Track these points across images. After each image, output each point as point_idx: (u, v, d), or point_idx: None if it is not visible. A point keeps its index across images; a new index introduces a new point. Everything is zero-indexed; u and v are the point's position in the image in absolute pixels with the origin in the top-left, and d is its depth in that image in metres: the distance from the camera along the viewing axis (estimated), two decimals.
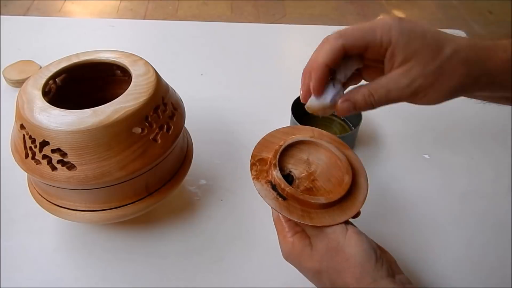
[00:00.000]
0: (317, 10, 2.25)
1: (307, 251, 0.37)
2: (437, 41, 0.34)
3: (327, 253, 0.36)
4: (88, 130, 0.38)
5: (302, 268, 0.38)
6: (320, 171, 0.40)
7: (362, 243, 0.36)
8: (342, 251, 0.36)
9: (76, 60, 0.48)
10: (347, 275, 0.35)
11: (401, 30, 0.34)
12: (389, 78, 0.35)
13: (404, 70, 0.34)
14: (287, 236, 0.38)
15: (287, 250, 0.38)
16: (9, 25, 0.87)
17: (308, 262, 0.37)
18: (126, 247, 0.49)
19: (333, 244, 0.36)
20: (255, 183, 0.38)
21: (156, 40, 0.86)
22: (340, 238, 0.36)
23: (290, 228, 0.39)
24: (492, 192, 0.56)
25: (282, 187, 0.37)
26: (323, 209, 0.37)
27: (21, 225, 0.50)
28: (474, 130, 0.65)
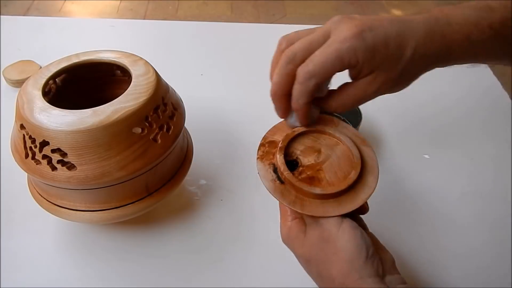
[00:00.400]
0: (317, 10, 2.25)
1: (301, 237, 0.37)
2: (399, 46, 0.35)
3: (318, 243, 0.36)
4: (88, 130, 0.38)
5: (295, 254, 0.39)
6: (328, 163, 0.39)
7: (355, 238, 0.35)
8: (333, 243, 0.36)
9: (76, 60, 0.48)
10: (334, 268, 0.35)
11: (366, 49, 0.34)
12: (355, 88, 0.37)
13: (371, 78, 0.36)
14: (287, 220, 0.39)
15: (284, 233, 0.39)
16: (9, 25, 0.87)
17: (300, 248, 0.37)
18: (126, 247, 0.49)
19: (325, 235, 0.36)
20: (258, 163, 0.39)
21: (156, 40, 0.86)
22: (333, 229, 0.36)
23: (291, 213, 0.39)
24: (492, 192, 0.56)
25: (281, 171, 0.37)
26: (318, 199, 0.37)
27: (21, 225, 0.50)
28: (474, 130, 0.65)
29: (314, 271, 0.37)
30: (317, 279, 0.37)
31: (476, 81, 0.75)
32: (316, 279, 0.37)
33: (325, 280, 0.35)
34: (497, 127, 0.65)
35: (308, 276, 0.39)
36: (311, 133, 0.41)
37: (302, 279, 0.46)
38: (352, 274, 0.34)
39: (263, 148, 0.40)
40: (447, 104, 0.70)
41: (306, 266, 0.38)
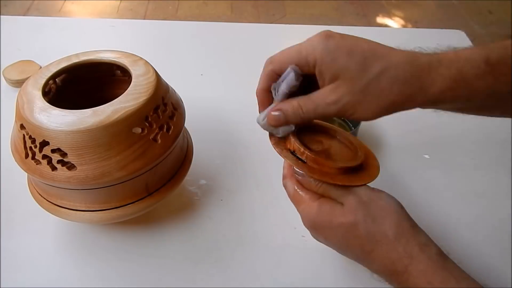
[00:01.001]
0: (317, 10, 2.25)
1: (338, 207, 0.37)
2: (365, 58, 0.34)
3: (360, 205, 0.36)
4: (88, 130, 0.38)
5: (331, 228, 0.37)
6: (333, 149, 0.41)
7: (391, 196, 0.37)
8: (375, 202, 0.36)
9: (76, 60, 0.48)
10: (385, 222, 0.35)
11: (326, 49, 0.35)
12: (318, 93, 0.37)
13: (332, 87, 0.36)
14: (310, 202, 0.38)
15: (312, 215, 0.38)
16: (9, 25, 0.87)
17: (340, 217, 0.36)
18: (126, 247, 0.49)
19: (364, 198, 0.37)
20: (275, 148, 0.39)
21: (156, 40, 0.86)
22: (369, 193, 0.37)
23: (311, 195, 0.39)
24: (492, 192, 0.56)
25: (301, 151, 0.38)
26: (340, 174, 0.37)
27: (21, 225, 0.50)
28: (474, 130, 0.65)
29: (363, 233, 0.36)
30: (366, 242, 0.36)
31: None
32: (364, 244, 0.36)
33: (378, 237, 0.35)
34: (497, 127, 0.65)
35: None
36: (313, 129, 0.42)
37: (302, 279, 0.46)
38: (404, 223, 0.36)
39: (273, 138, 0.41)
40: None
41: (350, 233, 0.36)
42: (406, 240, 0.35)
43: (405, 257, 0.34)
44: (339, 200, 0.37)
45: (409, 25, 2.21)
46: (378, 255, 0.35)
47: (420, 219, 0.52)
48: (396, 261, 0.34)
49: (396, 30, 1.56)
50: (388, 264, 0.35)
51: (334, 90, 0.35)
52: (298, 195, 0.39)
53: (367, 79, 0.34)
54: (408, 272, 0.34)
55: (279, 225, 0.51)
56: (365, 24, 2.19)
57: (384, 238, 0.35)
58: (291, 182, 0.41)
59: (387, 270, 0.35)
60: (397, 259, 0.34)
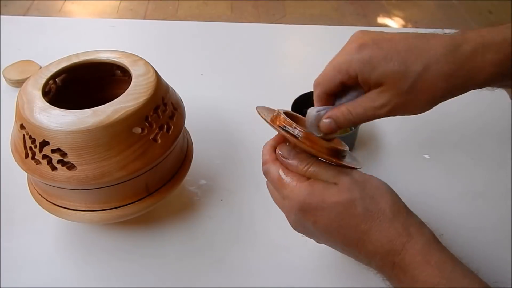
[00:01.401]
0: (317, 10, 2.25)
1: (332, 186, 0.36)
2: (403, 61, 0.34)
3: (356, 184, 0.36)
4: (88, 130, 0.38)
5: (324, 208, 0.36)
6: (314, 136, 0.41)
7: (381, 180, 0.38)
8: (369, 182, 0.37)
9: (76, 60, 0.48)
10: (382, 200, 0.36)
11: (362, 61, 0.35)
12: (366, 97, 0.37)
13: (379, 91, 0.36)
14: (299, 183, 0.36)
15: (301, 195, 0.36)
16: (9, 25, 0.87)
17: (335, 196, 0.35)
18: (126, 247, 0.49)
19: (358, 178, 0.37)
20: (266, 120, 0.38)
21: (156, 40, 0.86)
22: (363, 174, 0.37)
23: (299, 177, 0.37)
24: (492, 192, 0.56)
25: (294, 126, 0.37)
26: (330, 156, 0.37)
27: (21, 225, 0.50)
28: (474, 130, 0.65)
29: (360, 210, 0.35)
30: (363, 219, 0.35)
31: None
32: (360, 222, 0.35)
33: (376, 215, 0.35)
34: (497, 127, 0.65)
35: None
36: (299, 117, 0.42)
37: (302, 279, 0.46)
38: (398, 203, 0.36)
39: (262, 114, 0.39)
40: (447, 104, 0.69)
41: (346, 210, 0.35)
42: (404, 219, 0.35)
43: (403, 235, 0.34)
44: (332, 181, 0.36)
45: (409, 25, 2.21)
46: (375, 234, 0.34)
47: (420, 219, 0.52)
48: (394, 239, 0.34)
49: (396, 30, 1.56)
50: (385, 242, 0.34)
51: (380, 94, 0.36)
52: (284, 177, 0.37)
53: (410, 81, 0.35)
54: (405, 249, 0.34)
55: (279, 225, 0.51)
56: (365, 24, 2.19)
57: (382, 216, 0.35)
58: (274, 166, 0.38)
59: (383, 249, 0.34)
60: (396, 236, 0.34)
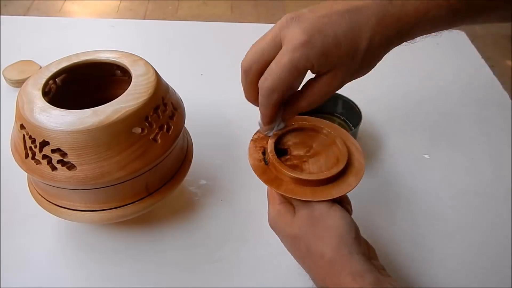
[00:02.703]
0: None
1: (289, 217, 0.38)
2: (352, 42, 0.35)
3: (308, 221, 0.37)
4: (88, 130, 0.38)
5: (283, 235, 0.39)
6: (315, 158, 0.41)
7: (346, 217, 0.37)
8: (323, 221, 0.37)
9: (76, 60, 0.48)
10: (324, 243, 0.36)
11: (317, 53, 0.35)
12: (320, 84, 0.37)
13: (332, 74, 0.36)
14: (276, 203, 0.40)
15: (272, 216, 0.40)
16: (9, 25, 0.87)
17: (288, 227, 0.38)
18: (126, 247, 0.49)
19: (316, 214, 0.37)
20: (250, 144, 0.41)
21: (156, 40, 0.86)
22: (324, 209, 0.37)
23: (279, 197, 0.40)
24: (492, 192, 0.56)
25: (267, 152, 0.40)
26: (294, 184, 0.38)
27: (21, 225, 0.50)
28: (474, 130, 0.65)
29: (303, 248, 0.37)
30: (305, 256, 0.37)
31: (476, 81, 0.75)
32: (304, 257, 0.37)
33: (315, 257, 0.36)
34: (497, 127, 0.65)
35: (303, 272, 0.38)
36: (310, 131, 0.43)
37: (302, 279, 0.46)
38: (342, 248, 0.35)
39: (258, 134, 0.43)
40: (447, 105, 0.70)
41: (293, 244, 0.38)
42: (340, 267, 0.34)
43: (337, 284, 0.34)
44: (296, 209, 0.39)
45: None
46: (316, 275, 0.36)
47: (419, 219, 0.52)
48: (329, 284, 0.35)
49: None
50: (322, 284, 0.36)
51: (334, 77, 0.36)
52: (271, 193, 0.41)
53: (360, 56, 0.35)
54: None
55: None
56: None
57: (320, 260, 0.35)
58: None
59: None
60: (331, 283, 0.35)
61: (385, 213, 0.53)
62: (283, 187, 0.38)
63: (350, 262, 0.34)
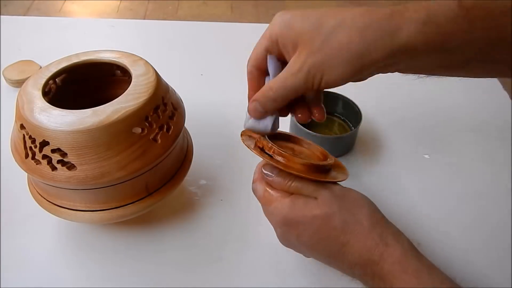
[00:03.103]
0: None
1: (311, 201, 0.37)
2: (320, 17, 0.33)
3: (334, 198, 0.37)
4: (88, 130, 0.38)
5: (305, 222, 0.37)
6: (304, 155, 0.43)
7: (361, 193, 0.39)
8: (347, 195, 0.38)
9: (76, 60, 0.48)
10: (360, 212, 0.37)
11: (282, 21, 0.35)
12: (285, 69, 0.36)
13: (296, 56, 0.35)
14: (282, 199, 0.38)
15: (284, 210, 0.38)
16: (9, 25, 0.87)
17: (315, 209, 0.37)
18: (126, 247, 0.49)
19: (337, 192, 0.38)
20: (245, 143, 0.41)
21: (156, 40, 0.86)
22: (342, 189, 0.38)
23: (282, 193, 0.39)
24: (492, 192, 0.56)
25: (269, 146, 0.39)
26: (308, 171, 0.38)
27: (21, 225, 0.50)
28: (474, 130, 0.65)
29: (338, 223, 0.36)
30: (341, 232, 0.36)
31: (476, 81, 0.74)
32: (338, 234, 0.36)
33: (353, 227, 0.36)
34: (497, 127, 0.65)
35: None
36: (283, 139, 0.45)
37: (302, 279, 0.46)
38: (376, 214, 0.37)
39: (245, 136, 0.43)
40: (447, 104, 0.70)
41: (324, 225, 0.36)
42: (381, 229, 0.36)
43: (380, 245, 0.35)
44: (312, 195, 0.38)
45: None
46: (354, 245, 0.36)
47: (420, 219, 0.52)
48: (372, 249, 0.35)
49: None
50: (364, 253, 0.35)
51: (296, 58, 0.34)
52: (269, 194, 0.39)
53: (324, 35, 0.32)
54: (383, 259, 0.34)
55: None
56: None
57: (359, 227, 0.36)
58: (260, 184, 0.41)
59: (362, 260, 0.35)
60: (373, 246, 0.35)
61: (385, 213, 0.53)
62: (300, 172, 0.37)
63: (388, 225, 0.37)
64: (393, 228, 0.37)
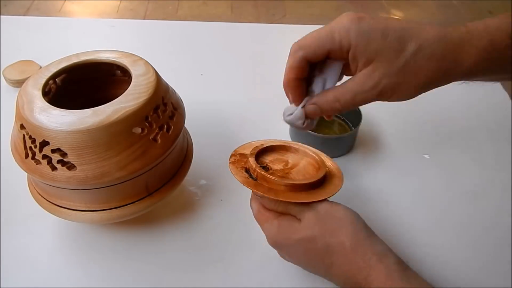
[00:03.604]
0: (317, 10, 2.25)
1: (296, 224, 0.38)
2: (400, 37, 0.33)
3: (317, 220, 0.37)
4: (88, 130, 0.38)
5: (293, 243, 0.38)
6: (296, 169, 0.43)
7: (348, 208, 0.38)
8: (332, 216, 0.37)
9: (76, 60, 0.48)
10: (341, 233, 0.36)
11: (360, 31, 0.33)
12: (354, 81, 0.35)
13: (369, 71, 0.34)
14: (272, 219, 0.39)
15: (273, 232, 0.39)
16: (9, 25, 0.87)
17: (299, 232, 0.37)
18: (126, 247, 0.49)
19: (322, 213, 0.37)
20: (230, 167, 0.41)
21: (156, 40, 0.86)
22: (327, 207, 0.38)
23: (272, 214, 0.40)
24: (492, 192, 0.56)
25: (253, 168, 0.40)
26: (288, 191, 0.39)
27: (21, 225, 0.50)
28: (474, 130, 0.65)
29: (321, 246, 0.36)
30: (324, 254, 0.36)
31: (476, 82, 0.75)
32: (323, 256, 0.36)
33: (336, 248, 0.36)
34: (497, 127, 0.65)
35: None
36: (279, 149, 0.45)
37: (302, 279, 0.46)
38: (359, 233, 0.36)
39: (234, 157, 0.43)
40: (447, 104, 0.70)
41: (308, 247, 0.37)
42: (364, 250, 0.35)
43: (364, 268, 0.34)
44: (298, 216, 0.38)
45: None
46: (339, 267, 0.36)
47: (419, 219, 0.52)
48: (356, 273, 0.35)
49: None
50: (350, 275, 0.35)
51: (370, 74, 0.34)
52: (261, 214, 0.41)
53: (404, 59, 0.33)
54: (368, 283, 0.34)
55: None
56: None
57: (342, 249, 0.35)
58: (255, 203, 0.42)
59: (350, 281, 0.35)
60: (357, 270, 0.35)
61: (385, 213, 0.53)
62: (281, 196, 0.38)
63: (371, 244, 0.36)
64: (377, 247, 0.36)
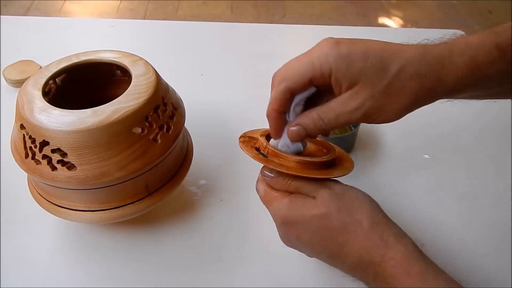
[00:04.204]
0: (317, 10, 2.25)
1: (310, 200, 0.37)
2: (381, 59, 0.33)
3: (333, 197, 0.36)
4: (88, 130, 0.38)
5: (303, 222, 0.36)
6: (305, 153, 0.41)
7: (363, 191, 0.37)
8: (347, 194, 0.36)
9: (76, 60, 0.48)
10: (359, 212, 0.35)
11: (339, 55, 0.33)
12: (338, 102, 0.35)
13: (352, 93, 0.34)
14: (281, 198, 0.38)
15: (283, 210, 0.37)
16: (9, 25, 0.87)
17: (313, 209, 0.36)
18: (126, 247, 0.49)
19: (337, 191, 0.37)
20: (240, 145, 0.40)
21: (156, 40, 0.86)
22: (342, 187, 0.37)
23: (282, 193, 0.38)
24: (492, 192, 0.56)
25: (264, 146, 0.39)
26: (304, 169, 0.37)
27: (21, 225, 0.50)
28: (474, 130, 0.65)
29: (337, 223, 0.35)
30: (339, 232, 0.35)
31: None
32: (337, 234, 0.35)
33: (352, 226, 0.35)
34: (497, 128, 0.65)
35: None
36: None
37: (302, 279, 0.46)
38: (377, 214, 0.36)
39: (243, 138, 0.42)
40: (447, 104, 0.69)
41: (322, 225, 0.36)
42: (382, 230, 0.35)
43: (381, 246, 0.34)
44: (311, 194, 0.37)
45: (409, 25, 2.21)
46: (353, 246, 0.35)
47: (420, 219, 0.52)
48: (373, 251, 0.34)
49: (396, 30, 1.56)
50: (364, 254, 0.34)
51: (354, 96, 0.34)
52: (269, 194, 0.39)
53: (387, 80, 0.33)
54: (385, 261, 0.33)
55: None
56: (366, 24, 2.19)
57: (359, 228, 0.35)
58: (261, 184, 0.40)
59: (363, 261, 0.34)
60: (374, 248, 0.34)
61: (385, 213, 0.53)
62: (293, 171, 0.37)
63: (389, 225, 0.35)
64: (395, 229, 0.35)
